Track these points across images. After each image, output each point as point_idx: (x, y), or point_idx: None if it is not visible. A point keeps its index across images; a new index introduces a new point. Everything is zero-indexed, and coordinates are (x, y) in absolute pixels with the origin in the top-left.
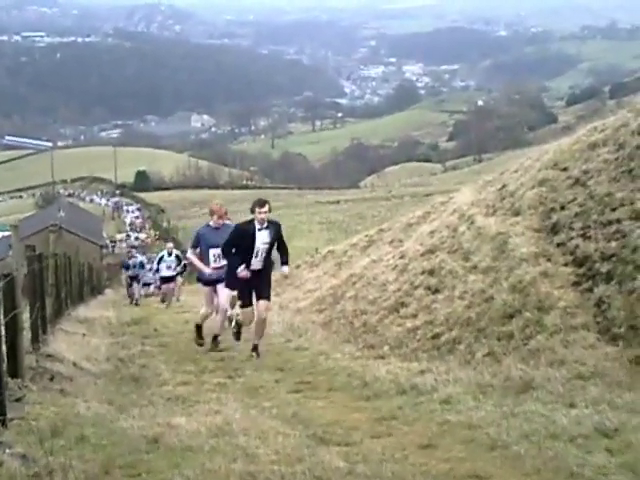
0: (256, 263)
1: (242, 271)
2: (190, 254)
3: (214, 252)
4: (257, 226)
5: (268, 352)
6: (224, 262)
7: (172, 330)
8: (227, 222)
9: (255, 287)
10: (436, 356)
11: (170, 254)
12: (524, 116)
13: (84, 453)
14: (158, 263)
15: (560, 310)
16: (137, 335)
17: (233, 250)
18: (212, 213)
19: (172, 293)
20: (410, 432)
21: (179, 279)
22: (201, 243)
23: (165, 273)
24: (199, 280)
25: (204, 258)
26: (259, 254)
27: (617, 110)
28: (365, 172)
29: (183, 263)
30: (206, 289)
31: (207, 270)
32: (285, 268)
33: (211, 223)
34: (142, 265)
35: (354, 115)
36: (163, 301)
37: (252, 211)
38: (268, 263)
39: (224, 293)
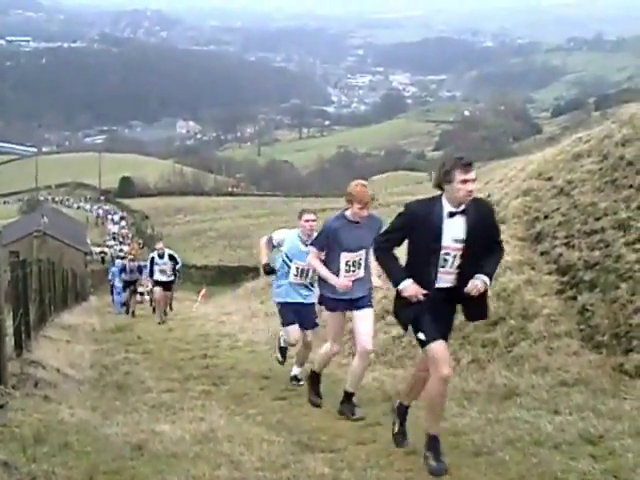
0: (446, 277)
1: (414, 291)
2: (312, 258)
3: (349, 258)
4: (448, 208)
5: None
6: (362, 273)
7: (156, 337)
8: (373, 214)
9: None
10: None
11: (162, 255)
12: (509, 127)
13: (68, 460)
14: (151, 270)
15: (544, 318)
16: (121, 342)
17: (394, 250)
18: (351, 199)
19: (166, 303)
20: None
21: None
22: (330, 243)
23: (159, 277)
24: (324, 302)
25: (331, 265)
26: (450, 260)
27: (602, 121)
28: (351, 180)
29: (180, 264)
30: (335, 315)
31: (338, 283)
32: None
33: (348, 214)
34: (140, 269)
35: (341, 123)
36: (154, 310)
37: (444, 179)
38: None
39: (368, 323)
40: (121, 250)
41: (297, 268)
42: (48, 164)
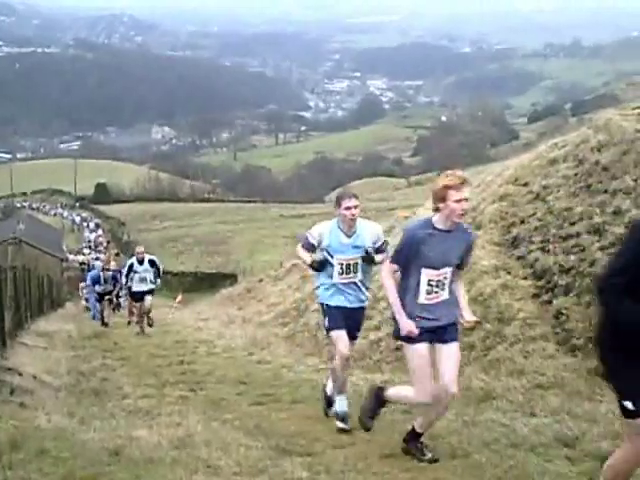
0: None
1: None
2: (386, 275)
3: (433, 276)
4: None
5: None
6: (446, 295)
7: (133, 344)
8: (463, 223)
9: None
10: (398, 367)
11: (141, 261)
12: (487, 132)
13: (44, 466)
14: (127, 276)
15: (520, 321)
16: (98, 349)
17: None
18: (444, 197)
19: (148, 313)
20: (372, 442)
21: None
22: (410, 256)
23: (138, 287)
24: (401, 336)
25: (407, 285)
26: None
27: (578, 127)
28: (329, 186)
29: (161, 270)
30: (420, 350)
31: (403, 324)
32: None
33: (436, 220)
34: (115, 279)
35: (318, 129)
36: (129, 323)
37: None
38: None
39: (455, 362)
40: (97, 259)
41: (341, 264)
42: (23, 171)
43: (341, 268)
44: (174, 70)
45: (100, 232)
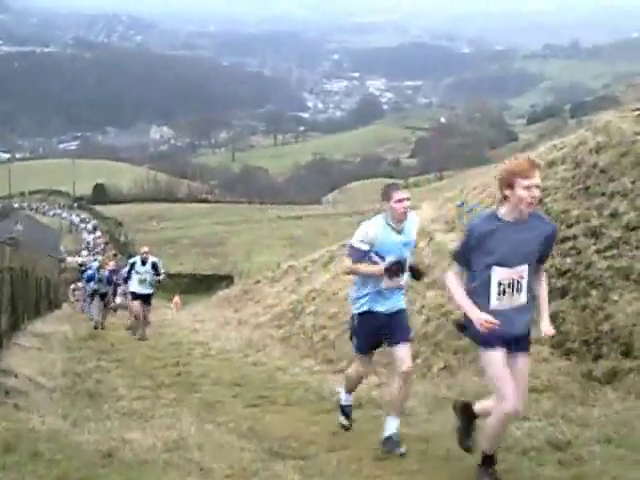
0: None
1: None
2: (450, 279)
3: (505, 276)
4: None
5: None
6: (524, 299)
7: (129, 345)
8: (539, 213)
9: None
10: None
11: (145, 262)
12: (485, 134)
13: (38, 469)
14: (128, 274)
15: None
16: (94, 350)
17: None
18: (512, 183)
19: (146, 316)
20: (365, 445)
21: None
22: (473, 255)
23: (137, 289)
24: (472, 332)
25: (475, 289)
26: None
27: (577, 129)
28: (327, 187)
29: (163, 274)
30: (499, 356)
31: (478, 320)
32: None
33: (503, 212)
34: (110, 281)
35: (317, 129)
36: (129, 329)
37: None
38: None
39: (526, 375)
40: (95, 260)
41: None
42: (22, 171)
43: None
44: (173, 70)
45: (98, 234)
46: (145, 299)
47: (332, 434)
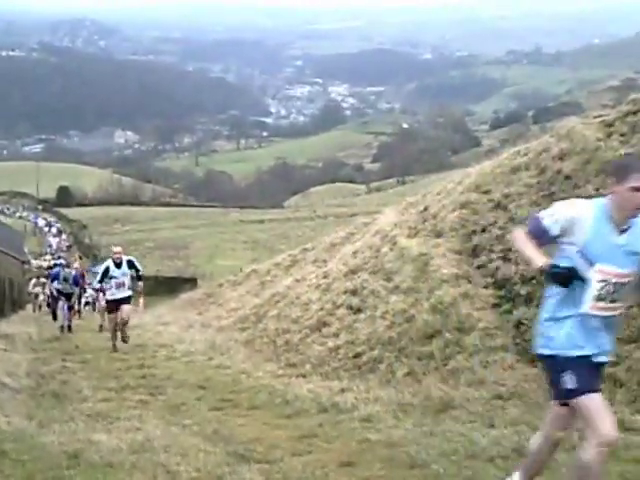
0: None
1: None
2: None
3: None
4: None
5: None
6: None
7: (93, 347)
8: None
9: None
10: (357, 375)
11: (119, 264)
12: (448, 139)
13: (4, 468)
14: (101, 281)
15: (480, 331)
16: (58, 351)
17: None
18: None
19: (124, 325)
20: (330, 450)
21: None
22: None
23: (114, 295)
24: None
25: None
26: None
27: (540, 135)
28: (289, 192)
29: (142, 272)
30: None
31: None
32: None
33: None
34: (76, 281)
35: (279, 134)
36: (101, 328)
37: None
38: None
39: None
40: (59, 258)
41: (604, 282)
42: None
43: (602, 288)
44: (137, 75)
45: (64, 237)
46: (124, 303)
47: (296, 438)
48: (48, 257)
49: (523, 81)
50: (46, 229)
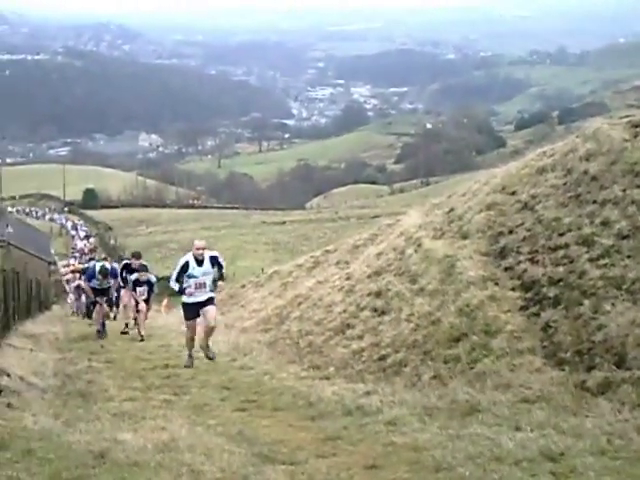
0: None
1: None
2: None
3: None
4: None
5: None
6: None
7: (119, 347)
8: None
9: None
10: (382, 378)
11: (201, 261)
12: (472, 140)
13: (31, 466)
14: (178, 280)
15: (507, 334)
16: (84, 351)
17: None
18: None
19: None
20: (355, 452)
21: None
22: None
23: (193, 298)
24: None
25: None
26: None
27: (565, 135)
28: (311, 193)
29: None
30: None
31: None
32: None
33: None
34: (115, 273)
35: (301, 136)
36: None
37: None
38: None
39: None
40: (91, 259)
41: None
42: (12, 175)
43: None
44: (160, 78)
45: (91, 240)
46: (208, 305)
47: (321, 441)
48: (72, 261)
49: (547, 81)
50: (73, 232)
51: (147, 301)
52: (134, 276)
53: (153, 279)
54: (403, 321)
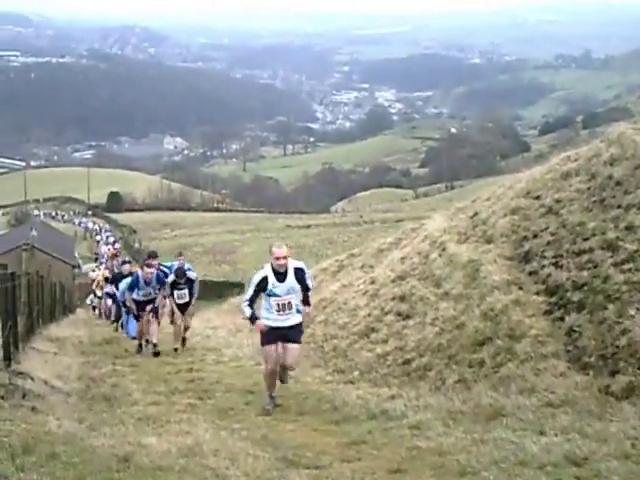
0: None
1: None
2: None
3: None
4: None
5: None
6: None
7: (143, 351)
8: None
9: None
10: (406, 382)
11: (283, 275)
12: (497, 144)
13: (55, 470)
14: (252, 300)
15: (531, 338)
16: (108, 355)
17: None
18: None
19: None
20: (379, 457)
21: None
22: None
23: (275, 320)
24: None
25: None
26: None
27: (590, 140)
28: (336, 197)
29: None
30: None
31: None
32: None
33: None
34: (160, 280)
35: (326, 140)
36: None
37: None
38: None
39: None
40: (124, 262)
41: None
42: (37, 178)
43: None
44: (186, 81)
45: (117, 245)
46: (292, 335)
47: (345, 445)
48: (93, 265)
49: (572, 86)
50: (98, 237)
51: (188, 304)
52: (171, 278)
53: (193, 275)
54: (428, 325)
